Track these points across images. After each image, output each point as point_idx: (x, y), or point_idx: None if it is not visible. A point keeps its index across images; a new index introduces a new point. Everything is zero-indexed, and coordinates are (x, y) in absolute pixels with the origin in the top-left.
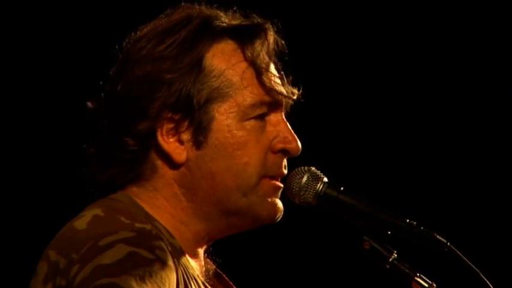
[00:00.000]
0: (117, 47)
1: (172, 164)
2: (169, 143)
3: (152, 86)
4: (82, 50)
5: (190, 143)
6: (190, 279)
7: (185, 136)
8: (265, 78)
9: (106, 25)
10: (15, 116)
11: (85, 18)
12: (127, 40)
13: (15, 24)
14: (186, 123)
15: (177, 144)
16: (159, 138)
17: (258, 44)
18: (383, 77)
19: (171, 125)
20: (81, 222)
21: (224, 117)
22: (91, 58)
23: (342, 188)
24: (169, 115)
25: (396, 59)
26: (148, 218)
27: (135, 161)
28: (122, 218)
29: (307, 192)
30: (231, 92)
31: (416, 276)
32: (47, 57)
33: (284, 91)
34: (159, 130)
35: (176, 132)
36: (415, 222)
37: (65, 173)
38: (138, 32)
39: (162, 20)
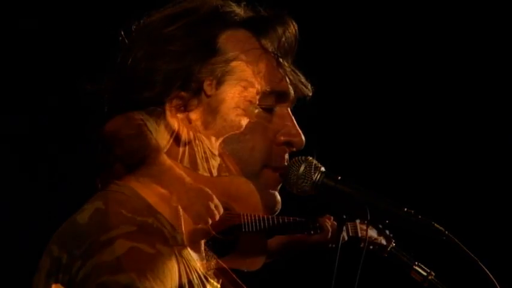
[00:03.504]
0: (123, 33)
1: (179, 142)
2: (177, 121)
3: (159, 59)
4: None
5: (198, 123)
6: (192, 272)
7: (194, 115)
8: (278, 69)
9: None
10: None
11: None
12: (135, 26)
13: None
14: (195, 102)
15: (185, 122)
16: (167, 113)
17: (273, 35)
18: (380, 70)
19: (180, 103)
20: (83, 215)
21: (234, 101)
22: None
23: (339, 178)
24: (178, 93)
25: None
26: (151, 211)
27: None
28: (124, 212)
29: (305, 182)
30: (243, 77)
31: (415, 265)
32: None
33: (296, 84)
34: (167, 106)
35: (185, 110)
36: (413, 211)
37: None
38: (146, 18)
39: (174, 7)
